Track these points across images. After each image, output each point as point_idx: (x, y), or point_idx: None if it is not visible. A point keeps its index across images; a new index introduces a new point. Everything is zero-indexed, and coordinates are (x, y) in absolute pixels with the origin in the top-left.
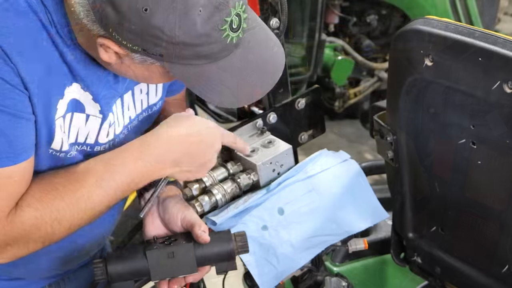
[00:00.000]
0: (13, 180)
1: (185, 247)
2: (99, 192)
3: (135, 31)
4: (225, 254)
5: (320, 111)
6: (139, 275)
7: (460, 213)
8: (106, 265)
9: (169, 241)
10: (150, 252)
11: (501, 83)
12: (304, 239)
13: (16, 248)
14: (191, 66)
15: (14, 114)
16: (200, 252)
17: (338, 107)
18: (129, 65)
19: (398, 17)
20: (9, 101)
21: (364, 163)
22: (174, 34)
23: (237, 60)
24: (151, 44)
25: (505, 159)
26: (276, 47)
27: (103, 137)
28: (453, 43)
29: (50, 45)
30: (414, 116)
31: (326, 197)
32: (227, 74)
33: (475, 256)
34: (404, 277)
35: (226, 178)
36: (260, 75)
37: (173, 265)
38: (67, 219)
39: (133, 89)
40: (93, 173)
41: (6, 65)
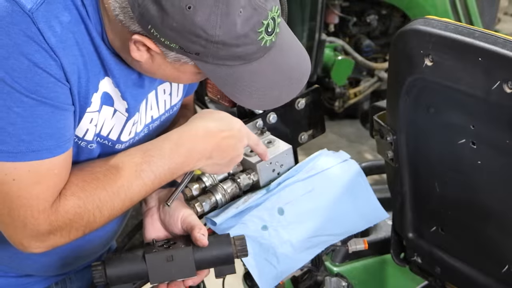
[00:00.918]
0: (56, 170)
1: (184, 250)
2: (138, 183)
3: (176, 28)
4: (224, 258)
5: (320, 111)
6: (138, 278)
7: (460, 213)
8: (105, 268)
9: (168, 245)
10: (149, 256)
11: (501, 83)
12: (304, 239)
13: (58, 236)
14: (225, 66)
15: (57, 106)
16: (199, 255)
17: (338, 107)
18: (160, 64)
19: (398, 17)
20: (53, 94)
21: (364, 163)
22: (214, 33)
23: (268, 64)
24: (189, 42)
25: (505, 159)
26: (303, 54)
27: (125, 135)
28: (453, 43)
29: (87, 39)
30: (414, 116)
31: (326, 197)
32: (257, 76)
33: (475, 256)
34: (404, 277)
35: (226, 178)
36: (288, 80)
37: (172, 268)
38: (108, 208)
39: (157, 89)
40: (132, 163)
41: (52, 59)
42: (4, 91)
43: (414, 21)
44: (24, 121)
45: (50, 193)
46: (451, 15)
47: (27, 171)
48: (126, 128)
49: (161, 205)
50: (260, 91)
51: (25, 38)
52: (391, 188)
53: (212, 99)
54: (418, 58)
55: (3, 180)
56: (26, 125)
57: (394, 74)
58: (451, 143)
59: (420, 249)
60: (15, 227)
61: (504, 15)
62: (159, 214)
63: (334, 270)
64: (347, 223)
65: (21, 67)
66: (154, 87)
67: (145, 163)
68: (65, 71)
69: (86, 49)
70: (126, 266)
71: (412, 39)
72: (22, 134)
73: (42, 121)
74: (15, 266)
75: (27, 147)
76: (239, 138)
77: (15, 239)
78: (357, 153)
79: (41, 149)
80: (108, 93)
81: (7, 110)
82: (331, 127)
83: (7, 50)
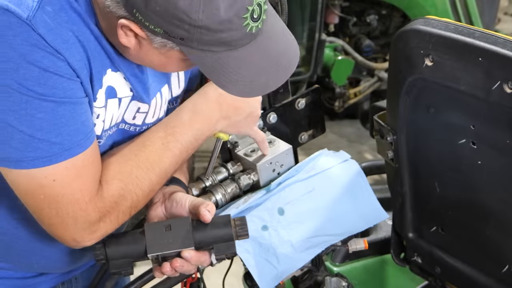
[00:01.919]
0: (91, 160)
1: (182, 220)
2: (168, 154)
3: (160, 12)
4: (223, 238)
5: (320, 111)
6: (136, 251)
7: (460, 213)
8: (105, 245)
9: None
10: (148, 225)
11: (501, 83)
12: (304, 239)
13: (108, 223)
14: (210, 52)
15: (76, 102)
16: (199, 235)
17: (338, 107)
18: (148, 50)
19: (398, 17)
20: (70, 92)
21: (364, 163)
22: (197, 17)
23: (255, 51)
24: (173, 27)
25: (505, 159)
26: (291, 42)
27: (129, 118)
28: (453, 43)
29: (87, 33)
30: (414, 116)
31: (326, 197)
32: (244, 63)
33: (475, 256)
34: (404, 277)
35: (226, 178)
36: (275, 67)
37: (170, 238)
38: (147, 184)
39: (170, 84)
40: (158, 138)
41: (60, 60)
42: (22, 101)
43: (414, 21)
44: (50, 124)
45: (91, 183)
46: (451, 15)
47: (64, 169)
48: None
49: (167, 198)
50: (247, 78)
51: (29, 47)
52: (391, 188)
53: None
54: (418, 58)
55: (44, 184)
56: (53, 128)
57: (394, 74)
58: (451, 143)
59: (420, 249)
60: (66, 225)
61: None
62: (163, 207)
63: (334, 270)
64: (347, 223)
65: (33, 75)
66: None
67: (169, 135)
68: (74, 68)
69: (88, 44)
70: (125, 240)
71: (412, 39)
72: (52, 137)
73: (66, 120)
74: (25, 263)
75: (60, 147)
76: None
77: (67, 237)
78: (357, 153)
79: (73, 146)
80: (111, 86)
81: (30, 119)
82: (331, 127)
83: (14, 62)
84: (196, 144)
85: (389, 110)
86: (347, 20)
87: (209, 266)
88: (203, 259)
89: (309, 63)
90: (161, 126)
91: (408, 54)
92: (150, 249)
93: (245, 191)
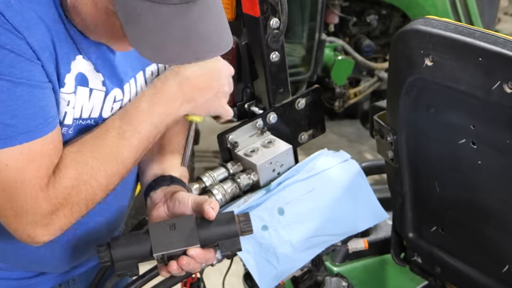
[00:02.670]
0: (47, 148)
1: (186, 218)
2: (124, 144)
3: None
4: (227, 234)
5: (320, 111)
6: (142, 252)
7: (460, 213)
8: (110, 247)
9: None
10: (152, 225)
11: (501, 83)
12: (304, 239)
13: (61, 216)
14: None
15: (35, 85)
16: (203, 233)
17: (338, 107)
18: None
19: (398, 17)
20: (27, 73)
21: (364, 163)
22: None
23: (178, 16)
24: None
25: (505, 159)
26: (226, 30)
27: (107, 112)
28: (453, 43)
29: (53, 15)
30: (414, 116)
31: (326, 197)
32: (162, 23)
33: (475, 256)
34: (404, 277)
35: (226, 178)
36: (195, 43)
37: (175, 237)
38: (103, 175)
39: (145, 70)
40: (113, 127)
41: (18, 38)
42: None
43: (414, 21)
44: (5, 105)
45: (44, 171)
46: (451, 15)
47: (19, 154)
48: (107, 105)
49: (169, 198)
50: (160, 40)
51: None
52: (391, 188)
53: None
54: (418, 58)
55: None
56: (8, 109)
57: (394, 74)
58: (451, 143)
59: (420, 249)
60: (19, 217)
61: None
62: (165, 207)
63: (334, 270)
64: (347, 223)
65: None
66: (142, 68)
67: (125, 125)
68: (34, 49)
69: (55, 26)
70: (129, 241)
71: (412, 39)
72: (7, 119)
73: (23, 102)
74: (22, 263)
75: (14, 130)
76: (218, 69)
77: (22, 231)
78: (357, 153)
79: (28, 130)
80: (83, 73)
81: None
82: (331, 127)
83: None
84: (157, 131)
85: (389, 110)
86: (347, 20)
87: (209, 266)
88: (209, 256)
89: (309, 63)
90: (118, 115)
91: (408, 54)
92: (156, 248)
93: (245, 191)
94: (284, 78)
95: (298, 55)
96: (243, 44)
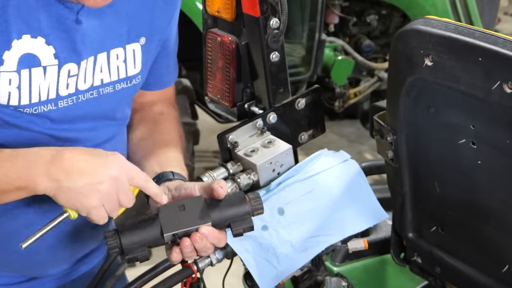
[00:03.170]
0: None
1: (195, 199)
2: None
3: None
4: (238, 215)
5: (320, 111)
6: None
7: (460, 213)
8: (119, 235)
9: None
10: (161, 207)
11: (501, 83)
12: (304, 239)
13: None
14: None
15: None
16: (214, 212)
17: (338, 107)
18: None
19: (398, 17)
20: None
21: (364, 163)
22: None
23: None
24: None
25: (505, 159)
26: None
27: (63, 89)
28: (453, 43)
29: None
30: (414, 116)
31: (326, 197)
32: None
33: (475, 256)
34: (404, 277)
35: (226, 178)
36: None
37: (185, 217)
38: None
39: (109, 52)
40: None
41: None
42: None
43: (414, 21)
44: None
45: None
46: (451, 15)
47: None
48: (62, 79)
49: (174, 188)
50: None
51: None
52: (391, 188)
53: (212, 99)
54: (418, 58)
55: None
56: None
57: (394, 74)
58: (451, 143)
59: (420, 249)
60: None
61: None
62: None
63: (334, 270)
64: (347, 223)
65: None
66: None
67: None
68: None
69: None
70: (138, 225)
71: (412, 39)
72: None
73: None
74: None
75: None
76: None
77: None
78: (357, 153)
79: None
80: (32, 53)
81: None
82: (331, 127)
83: None
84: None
85: (389, 110)
86: (347, 20)
87: (209, 266)
88: (221, 236)
89: (309, 63)
90: None
91: (408, 54)
92: (166, 229)
93: (245, 191)
94: (284, 78)
95: (298, 55)
96: (243, 44)
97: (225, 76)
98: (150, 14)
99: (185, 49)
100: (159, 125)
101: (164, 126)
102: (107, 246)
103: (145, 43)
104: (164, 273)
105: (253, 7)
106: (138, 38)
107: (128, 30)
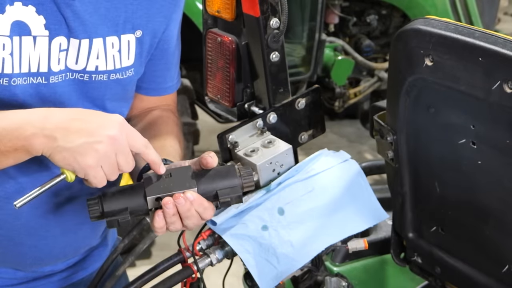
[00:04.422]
0: None
1: (183, 168)
2: None
3: None
4: (228, 187)
5: (320, 111)
6: (135, 202)
7: (460, 213)
8: (101, 199)
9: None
10: (147, 174)
11: (501, 83)
12: (304, 239)
13: None
14: None
15: None
16: (202, 180)
17: (338, 107)
18: None
19: (398, 17)
20: None
21: (364, 163)
22: None
23: None
24: None
25: (505, 159)
26: None
27: (55, 64)
28: (453, 43)
29: None
30: (414, 116)
31: (326, 197)
32: None
33: (475, 256)
34: (404, 277)
35: None
36: None
37: (170, 182)
38: None
39: (105, 39)
40: None
41: None
42: None
43: (414, 21)
44: None
45: None
46: (451, 15)
47: None
48: (53, 53)
49: None
50: None
51: None
52: (391, 188)
53: (212, 99)
54: (418, 58)
55: None
56: None
57: (394, 74)
58: (451, 143)
59: (420, 249)
60: None
61: (504, 15)
62: None
63: (334, 270)
64: (347, 223)
65: None
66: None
67: None
68: None
69: None
70: (122, 192)
71: (412, 39)
72: None
73: None
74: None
75: None
76: (100, 124)
77: None
78: (357, 153)
79: None
80: (22, 21)
81: None
82: (331, 127)
83: None
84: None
85: (389, 110)
86: (347, 20)
87: (209, 266)
88: (207, 205)
89: (309, 63)
90: None
91: (408, 54)
92: (150, 192)
93: (245, 192)
94: (284, 78)
95: (298, 55)
96: (243, 44)
97: (225, 76)
98: (149, 8)
99: (185, 49)
100: (157, 126)
101: (161, 127)
102: (89, 213)
103: (140, 36)
104: (164, 273)
105: (253, 7)
106: (134, 30)
107: (124, 20)
